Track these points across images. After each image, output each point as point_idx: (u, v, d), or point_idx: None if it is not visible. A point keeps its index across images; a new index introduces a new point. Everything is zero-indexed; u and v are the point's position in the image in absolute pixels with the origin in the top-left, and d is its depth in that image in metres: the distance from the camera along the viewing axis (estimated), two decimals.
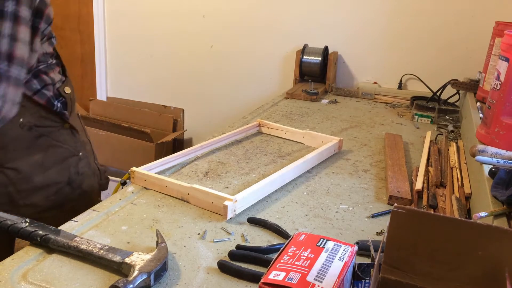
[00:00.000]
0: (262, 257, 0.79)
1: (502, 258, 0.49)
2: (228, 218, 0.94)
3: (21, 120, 1.02)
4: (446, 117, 1.76)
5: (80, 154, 1.15)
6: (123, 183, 1.07)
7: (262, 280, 0.55)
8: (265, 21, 2.30)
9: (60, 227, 0.85)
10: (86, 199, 1.15)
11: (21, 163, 1.04)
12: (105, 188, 1.25)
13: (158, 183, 1.04)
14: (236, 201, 0.95)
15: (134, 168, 1.07)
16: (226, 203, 0.93)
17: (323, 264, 0.58)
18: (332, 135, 1.39)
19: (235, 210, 0.96)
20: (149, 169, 1.10)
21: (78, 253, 0.77)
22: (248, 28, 2.34)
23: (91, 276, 0.74)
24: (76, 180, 1.14)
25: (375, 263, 0.56)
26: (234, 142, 1.40)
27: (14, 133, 1.02)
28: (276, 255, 0.60)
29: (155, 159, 1.17)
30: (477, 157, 0.96)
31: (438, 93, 1.87)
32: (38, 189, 1.07)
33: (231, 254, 0.80)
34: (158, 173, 1.11)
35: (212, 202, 0.96)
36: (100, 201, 1.15)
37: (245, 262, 0.79)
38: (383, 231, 0.93)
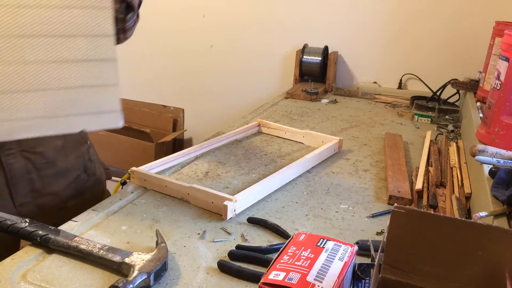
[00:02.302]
0: (262, 257, 0.79)
1: (502, 258, 0.49)
2: (228, 218, 0.94)
3: None
4: (446, 117, 1.76)
5: (88, 142, 1.17)
6: (123, 183, 1.07)
7: (262, 280, 0.55)
8: (265, 20, 2.30)
9: (60, 227, 0.85)
10: (100, 186, 1.18)
11: (45, 147, 1.04)
12: (110, 177, 1.26)
13: (158, 183, 1.04)
14: (236, 201, 0.95)
15: (133, 168, 1.07)
16: (226, 203, 0.93)
17: (323, 264, 0.58)
18: (332, 135, 1.39)
19: (235, 210, 0.95)
20: (149, 169, 1.10)
21: (78, 253, 0.77)
22: (248, 27, 2.34)
23: (91, 276, 0.74)
24: (90, 167, 1.15)
25: (375, 263, 0.56)
26: (234, 142, 1.40)
27: None
28: (276, 255, 0.60)
29: (155, 159, 1.17)
30: (477, 157, 0.96)
31: (438, 93, 1.87)
32: (60, 175, 1.07)
33: (231, 254, 0.80)
34: (158, 173, 1.11)
35: (212, 202, 0.96)
36: (108, 191, 1.18)
37: (245, 262, 0.79)
38: (383, 231, 0.93)
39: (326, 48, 2.13)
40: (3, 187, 0.99)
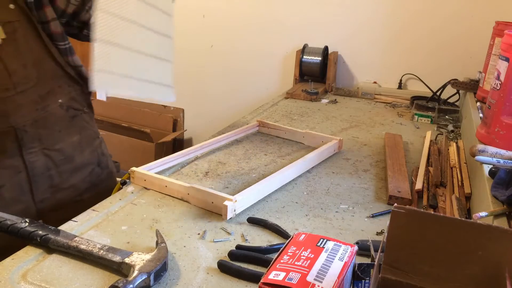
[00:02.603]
0: (262, 257, 0.79)
1: (502, 258, 0.49)
2: (228, 218, 0.94)
3: (59, 100, 1.07)
4: (446, 117, 1.76)
5: (100, 136, 1.22)
6: (123, 183, 1.07)
7: (262, 280, 0.55)
8: (265, 21, 2.30)
9: (60, 227, 0.85)
10: (112, 179, 1.24)
11: (64, 144, 1.09)
12: (119, 170, 1.31)
13: (158, 183, 1.04)
14: (236, 201, 0.95)
15: (134, 168, 1.07)
16: (226, 203, 0.93)
17: (323, 264, 0.58)
18: (332, 135, 1.39)
19: (235, 210, 0.95)
20: (149, 169, 1.10)
21: (78, 253, 0.77)
22: (248, 27, 2.34)
23: (91, 276, 0.74)
24: (103, 160, 1.21)
25: (375, 263, 0.56)
26: (234, 142, 1.40)
27: (57, 113, 1.07)
28: (276, 255, 0.60)
29: (155, 159, 1.17)
30: (477, 157, 0.96)
31: (438, 93, 1.87)
32: (77, 170, 1.12)
33: (231, 254, 0.80)
34: (158, 173, 1.11)
35: (212, 202, 0.96)
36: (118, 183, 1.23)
37: (245, 262, 0.79)
38: (383, 231, 0.93)
39: (326, 48, 2.14)
40: (25, 185, 1.02)
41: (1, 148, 1.01)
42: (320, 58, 2.10)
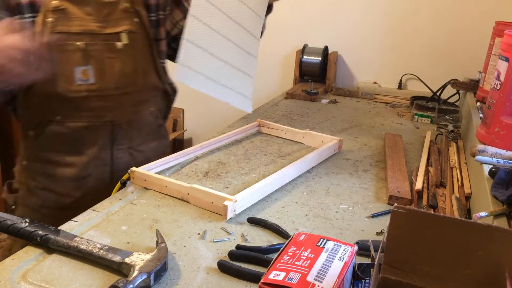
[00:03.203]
0: (262, 257, 0.79)
1: (502, 258, 0.49)
2: (228, 218, 0.94)
3: (151, 108, 1.22)
4: (446, 117, 1.76)
5: (167, 150, 1.32)
6: (123, 183, 1.07)
7: (262, 280, 0.55)
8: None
9: (60, 227, 0.85)
10: None
11: (146, 147, 1.22)
12: None
13: (158, 183, 1.04)
14: (236, 201, 0.95)
15: (134, 168, 1.07)
16: (226, 203, 0.93)
17: (323, 264, 0.58)
18: (332, 135, 1.39)
19: (235, 210, 0.95)
20: (149, 169, 1.10)
21: (78, 253, 0.77)
22: None
23: (91, 276, 0.74)
24: None
25: (375, 263, 0.56)
26: (234, 142, 1.40)
27: (148, 119, 1.22)
28: (276, 255, 0.60)
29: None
30: (477, 157, 0.96)
31: (438, 93, 1.87)
32: None
33: (231, 254, 0.80)
34: (158, 173, 1.11)
35: (212, 202, 0.96)
36: None
37: (245, 262, 0.79)
38: (383, 231, 0.93)
39: (326, 48, 2.13)
40: (107, 177, 1.12)
41: (96, 139, 1.13)
42: (320, 58, 2.10)
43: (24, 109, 1.12)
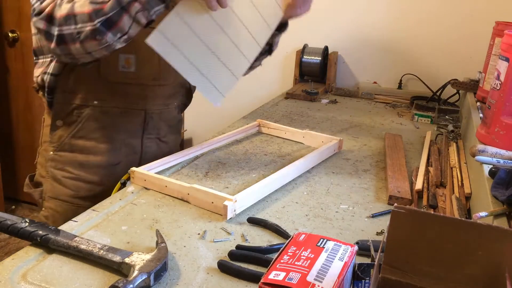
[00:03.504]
0: (262, 257, 0.79)
1: (502, 258, 0.49)
2: (228, 218, 0.94)
3: (175, 103, 1.30)
4: (446, 117, 1.76)
5: (179, 145, 1.41)
6: (123, 183, 1.07)
7: (262, 280, 0.55)
8: None
9: (60, 227, 0.85)
10: None
11: (170, 139, 1.31)
12: None
13: (158, 183, 1.04)
14: (236, 201, 0.95)
15: (134, 168, 1.07)
16: (226, 203, 0.93)
17: (323, 264, 0.58)
18: (332, 135, 1.39)
19: (235, 210, 0.95)
20: (149, 169, 1.10)
21: (78, 253, 0.77)
22: None
23: (91, 276, 0.74)
24: None
25: (375, 263, 0.56)
26: (234, 142, 1.40)
27: (173, 112, 1.31)
28: (276, 255, 0.60)
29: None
30: (477, 157, 0.96)
31: (438, 93, 1.87)
32: None
33: (231, 254, 0.80)
34: (158, 173, 1.10)
35: (212, 202, 0.96)
36: None
37: (245, 262, 0.79)
38: (383, 231, 0.93)
39: (326, 48, 2.14)
40: (135, 166, 1.10)
41: (129, 126, 1.19)
42: (320, 58, 2.10)
43: (64, 92, 1.14)
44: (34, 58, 1.18)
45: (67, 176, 1.18)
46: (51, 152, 1.19)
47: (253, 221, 0.93)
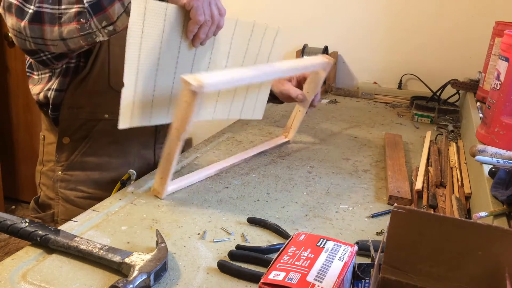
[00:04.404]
0: (262, 257, 0.79)
1: (502, 258, 0.49)
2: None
3: None
4: (446, 117, 1.76)
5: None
6: (123, 183, 1.07)
7: (262, 280, 0.55)
8: (265, 21, 2.29)
9: (60, 227, 0.85)
10: None
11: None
12: None
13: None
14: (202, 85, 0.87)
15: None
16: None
17: (323, 264, 0.58)
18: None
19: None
20: (172, 185, 1.09)
21: (78, 253, 0.77)
22: None
23: (91, 276, 0.74)
24: None
25: (375, 263, 0.56)
26: (234, 142, 1.40)
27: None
28: (276, 255, 0.60)
29: None
30: (477, 157, 0.96)
31: (438, 93, 1.87)
32: None
33: (231, 254, 0.80)
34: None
35: None
36: None
37: (245, 262, 0.79)
38: (383, 231, 0.93)
39: (326, 48, 2.14)
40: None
41: (141, 138, 1.16)
42: None
43: (70, 107, 1.08)
44: (28, 71, 1.11)
45: (80, 196, 1.13)
46: (60, 172, 1.13)
47: (253, 221, 0.93)
